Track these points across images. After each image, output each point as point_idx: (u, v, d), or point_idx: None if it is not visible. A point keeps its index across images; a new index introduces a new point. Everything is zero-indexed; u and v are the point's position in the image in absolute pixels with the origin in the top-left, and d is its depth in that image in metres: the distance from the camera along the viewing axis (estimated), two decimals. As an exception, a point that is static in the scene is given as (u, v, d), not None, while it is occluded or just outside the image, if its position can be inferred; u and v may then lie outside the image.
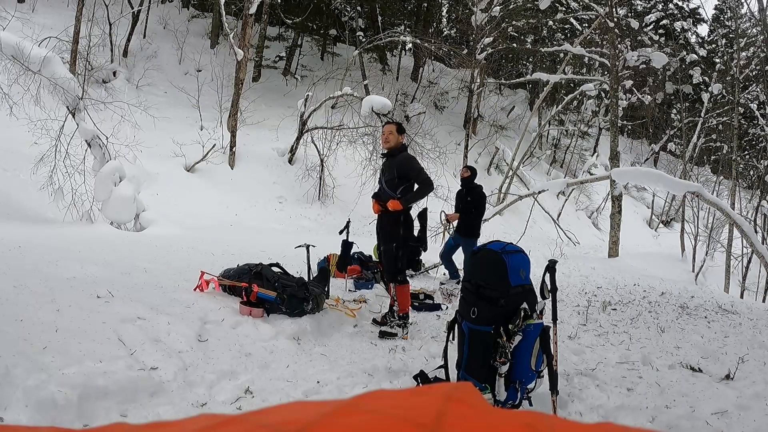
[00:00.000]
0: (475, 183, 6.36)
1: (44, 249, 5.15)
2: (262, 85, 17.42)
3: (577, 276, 7.89)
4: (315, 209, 12.26)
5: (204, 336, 3.14)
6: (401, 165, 4.02)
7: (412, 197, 3.98)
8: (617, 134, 12.09)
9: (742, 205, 15.85)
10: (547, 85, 16.41)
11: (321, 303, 4.06)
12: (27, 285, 3.32)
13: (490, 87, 20.58)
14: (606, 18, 12.05)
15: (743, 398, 3.04)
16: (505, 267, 2.61)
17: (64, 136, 7.88)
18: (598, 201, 19.53)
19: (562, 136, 24.21)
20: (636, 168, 15.85)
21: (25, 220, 7.24)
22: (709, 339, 4.49)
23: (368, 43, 16.94)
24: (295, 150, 13.06)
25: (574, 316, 5.00)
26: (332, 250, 5.92)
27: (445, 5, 24.06)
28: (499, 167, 18.93)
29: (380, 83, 18.28)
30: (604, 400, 2.90)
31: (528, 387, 2.62)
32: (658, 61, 12.04)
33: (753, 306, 6.78)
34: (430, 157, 12.79)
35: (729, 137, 18.23)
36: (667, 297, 6.53)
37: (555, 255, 8.82)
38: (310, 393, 2.76)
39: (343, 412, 0.27)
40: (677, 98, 20.99)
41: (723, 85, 18.79)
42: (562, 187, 10.79)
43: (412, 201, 4.00)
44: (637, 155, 25.56)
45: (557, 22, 21.51)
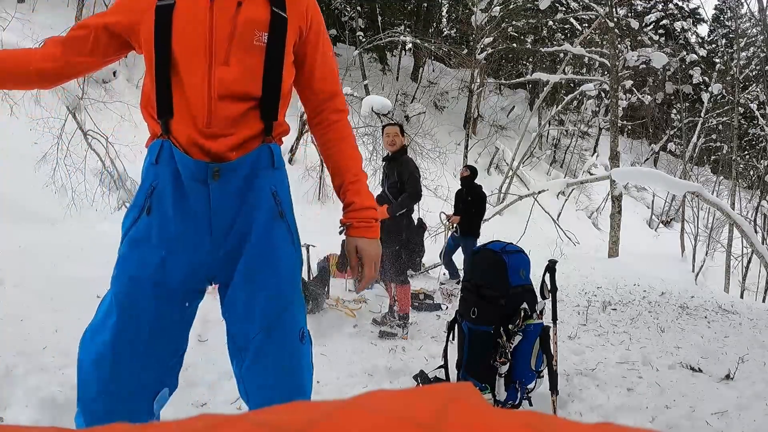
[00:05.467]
0: (475, 183, 6.36)
1: (45, 248, 5.15)
2: (262, 85, 17.41)
3: (577, 276, 7.89)
4: (315, 209, 12.27)
5: (204, 336, 3.14)
6: (401, 169, 4.04)
7: (397, 208, 4.00)
8: (617, 134, 12.09)
9: (742, 205, 15.85)
10: (547, 85, 16.40)
11: (321, 303, 4.06)
12: (27, 285, 3.32)
13: (490, 87, 20.58)
14: (606, 18, 12.05)
15: (743, 398, 3.04)
16: (505, 267, 2.61)
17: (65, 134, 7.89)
18: (598, 201, 19.52)
19: (562, 136, 24.20)
20: (636, 168, 15.86)
21: (26, 220, 7.24)
22: (709, 339, 4.49)
23: (368, 43, 16.94)
24: (295, 150, 13.06)
25: (574, 316, 5.00)
26: (332, 250, 5.92)
27: (445, 5, 24.05)
28: (499, 167, 18.93)
29: (380, 83, 18.29)
30: (604, 400, 2.90)
31: (528, 387, 2.62)
32: (658, 61, 12.04)
33: (753, 306, 6.79)
34: (430, 157, 12.79)
35: (729, 137, 18.23)
36: (667, 297, 6.53)
37: (555, 255, 8.82)
38: (310, 393, 2.76)
39: (343, 412, 0.27)
40: (677, 98, 20.98)
41: (723, 85, 18.79)
42: (562, 187, 10.80)
43: (398, 211, 4.02)
44: (637, 155, 25.56)
45: (557, 22, 21.51)
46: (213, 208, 1.21)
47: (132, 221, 1.24)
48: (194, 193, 1.20)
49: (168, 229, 1.21)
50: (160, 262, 1.21)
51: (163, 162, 1.21)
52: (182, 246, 1.21)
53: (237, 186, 1.22)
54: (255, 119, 1.24)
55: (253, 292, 1.25)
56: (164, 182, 1.21)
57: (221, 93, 1.20)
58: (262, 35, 1.23)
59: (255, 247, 1.24)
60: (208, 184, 1.20)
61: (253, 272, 1.24)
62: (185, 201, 1.21)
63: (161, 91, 1.22)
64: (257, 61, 1.23)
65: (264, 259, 1.25)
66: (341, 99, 1.41)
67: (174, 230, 1.21)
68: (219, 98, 1.20)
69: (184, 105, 1.20)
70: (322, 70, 1.37)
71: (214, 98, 1.19)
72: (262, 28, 1.23)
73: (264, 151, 1.25)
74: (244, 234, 1.24)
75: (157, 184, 1.22)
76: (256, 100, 1.24)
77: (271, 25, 1.24)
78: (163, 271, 1.21)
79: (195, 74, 1.20)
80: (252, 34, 1.22)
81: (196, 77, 1.19)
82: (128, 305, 1.21)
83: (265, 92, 1.24)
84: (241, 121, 1.22)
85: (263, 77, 1.24)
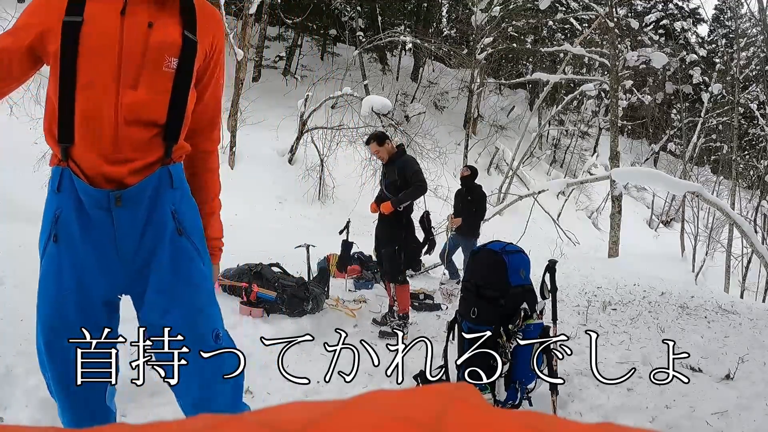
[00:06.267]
0: (475, 183, 6.36)
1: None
2: (262, 85, 17.40)
3: (577, 276, 7.88)
4: (315, 209, 12.26)
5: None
6: (401, 168, 4.05)
7: (404, 198, 3.99)
8: (617, 134, 12.09)
9: (742, 205, 15.84)
10: (547, 85, 16.40)
11: (321, 303, 4.06)
12: (27, 285, 3.32)
13: (490, 87, 20.56)
14: (606, 18, 12.05)
15: (743, 398, 3.04)
16: (505, 267, 2.61)
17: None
18: (598, 201, 19.51)
19: (562, 136, 24.20)
20: (636, 168, 15.86)
21: (26, 220, 7.23)
22: (709, 339, 4.49)
23: (368, 43, 16.93)
24: (295, 150, 13.05)
25: (574, 316, 5.00)
26: (332, 250, 5.92)
27: (445, 5, 24.05)
28: (499, 167, 18.92)
29: (380, 83, 18.28)
30: (604, 400, 2.90)
31: (528, 387, 2.62)
32: (658, 61, 12.04)
33: (753, 306, 6.78)
34: (430, 157, 12.79)
35: (729, 137, 18.23)
36: (667, 297, 6.53)
37: (555, 255, 8.82)
38: (310, 393, 2.76)
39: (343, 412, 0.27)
40: (677, 98, 20.98)
41: (723, 85, 18.79)
42: (562, 187, 10.79)
43: (404, 202, 4.00)
44: (637, 155, 25.55)
45: (557, 22, 21.51)
46: (118, 233, 1.23)
47: (44, 246, 1.28)
48: (98, 221, 1.22)
49: (77, 255, 1.24)
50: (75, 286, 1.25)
51: (65, 190, 1.22)
52: (93, 269, 1.25)
53: (140, 209, 1.24)
54: (158, 144, 1.25)
55: (166, 302, 1.29)
56: (68, 210, 1.23)
57: (128, 118, 1.19)
58: (172, 61, 1.23)
59: (162, 263, 1.28)
60: (111, 211, 1.21)
61: (163, 284, 1.28)
62: (90, 228, 1.23)
63: (63, 115, 1.19)
64: (165, 87, 1.23)
65: (171, 273, 1.29)
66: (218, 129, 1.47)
67: (82, 255, 1.24)
68: (126, 123, 1.19)
69: (88, 129, 1.19)
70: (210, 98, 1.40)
71: (121, 123, 1.19)
72: (173, 53, 1.23)
73: (164, 173, 1.26)
74: (151, 251, 1.27)
75: (60, 212, 1.24)
76: (161, 126, 1.25)
77: (182, 50, 1.24)
78: (81, 290, 1.25)
79: (101, 97, 1.18)
80: (163, 59, 1.21)
81: (102, 101, 1.18)
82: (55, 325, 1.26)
83: (169, 118, 1.25)
84: (145, 146, 1.23)
85: (170, 104, 1.24)
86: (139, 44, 1.19)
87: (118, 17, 1.18)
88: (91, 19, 1.17)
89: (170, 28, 1.23)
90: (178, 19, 1.25)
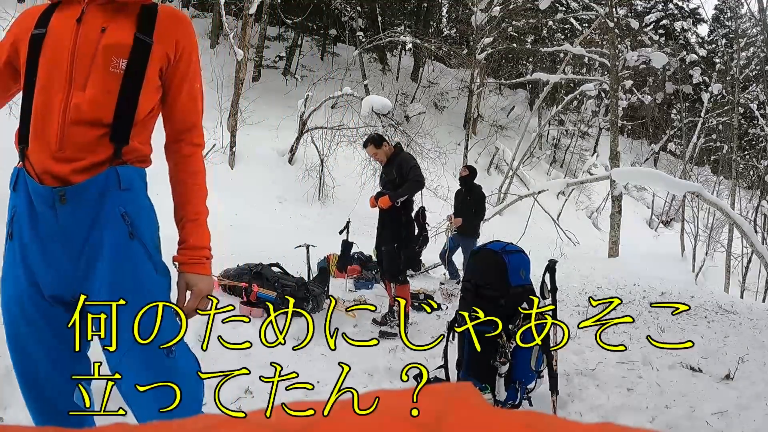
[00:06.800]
0: (475, 183, 6.36)
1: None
2: (262, 85, 17.40)
3: (577, 276, 7.89)
4: (315, 209, 12.26)
5: (203, 336, 3.13)
6: (399, 166, 4.09)
7: (402, 192, 4.02)
8: (617, 134, 12.09)
9: (742, 205, 15.83)
10: (547, 85, 16.40)
11: (321, 303, 4.06)
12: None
13: (490, 87, 20.58)
14: (606, 18, 12.06)
15: (743, 398, 3.04)
16: (505, 267, 2.61)
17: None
18: (598, 201, 19.51)
19: (562, 136, 24.20)
20: (636, 168, 15.87)
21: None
22: (709, 339, 4.50)
23: (368, 43, 16.94)
24: (295, 150, 13.06)
25: (574, 316, 5.00)
26: (332, 250, 5.92)
27: (445, 5, 24.06)
28: (499, 167, 18.93)
29: (380, 83, 18.29)
30: (604, 400, 2.90)
31: (528, 387, 2.62)
32: (658, 61, 12.04)
33: (753, 306, 6.79)
34: (430, 157, 12.79)
35: (729, 137, 18.22)
36: (667, 297, 6.54)
37: (555, 255, 8.82)
38: (310, 393, 2.76)
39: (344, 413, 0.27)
40: (677, 98, 20.98)
41: (723, 85, 18.78)
42: (562, 187, 10.80)
43: (401, 196, 4.03)
44: (637, 155, 25.55)
45: (557, 22, 21.51)
46: (62, 230, 1.25)
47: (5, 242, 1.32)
48: (44, 217, 1.25)
49: (27, 254, 1.28)
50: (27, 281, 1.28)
51: (19, 190, 1.28)
52: (40, 265, 1.28)
53: (84, 208, 1.26)
54: (105, 144, 1.27)
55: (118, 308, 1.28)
56: (21, 208, 1.28)
57: (74, 118, 1.23)
58: (120, 61, 1.26)
59: (109, 267, 1.27)
60: (56, 208, 1.24)
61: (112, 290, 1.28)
62: (38, 226, 1.27)
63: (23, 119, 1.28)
64: (112, 87, 1.26)
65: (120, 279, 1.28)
66: (199, 132, 1.45)
67: (31, 254, 1.28)
68: (72, 123, 1.23)
69: (38, 129, 1.25)
70: (185, 101, 1.41)
71: (67, 123, 1.23)
72: (122, 54, 1.26)
73: (111, 173, 1.28)
74: (96, 254, 1.28)
75: (15, 210, 1.29)
76: (108, 126, 1.27)
77: (132, 50, 1.27)
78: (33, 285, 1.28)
79: (53, 99, 1.24)
80: (109, 60, 1.25)
81: (53, 102, 1.24)
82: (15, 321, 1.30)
83: (116, 118, 1.27)
84: (91, 145, 1.26)
85: (117, 104, 1.27)
86: (91, 48, 1.24)
87: (74, 25, 1.25)
88: (52, 29, 1.26)
89: (123, 31, 1.27)
90: (134, 22, 1.29)
